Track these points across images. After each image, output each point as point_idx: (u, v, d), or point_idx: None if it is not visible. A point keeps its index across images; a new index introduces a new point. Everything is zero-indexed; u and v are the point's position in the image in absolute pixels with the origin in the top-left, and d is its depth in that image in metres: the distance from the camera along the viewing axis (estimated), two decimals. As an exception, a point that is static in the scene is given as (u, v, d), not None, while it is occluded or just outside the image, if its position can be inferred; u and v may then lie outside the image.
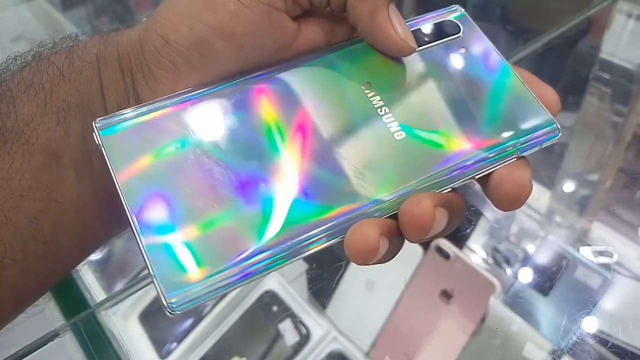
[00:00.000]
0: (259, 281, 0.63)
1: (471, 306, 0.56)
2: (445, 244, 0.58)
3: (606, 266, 0.55)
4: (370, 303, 0.60)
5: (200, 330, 0.60)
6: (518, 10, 0.80)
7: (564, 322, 0.52)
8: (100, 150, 0.22)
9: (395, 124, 0.24)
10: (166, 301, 0.20)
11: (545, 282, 0.55)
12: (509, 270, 0.58)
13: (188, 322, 0.60)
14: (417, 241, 0.22)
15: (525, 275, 0.57)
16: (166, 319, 0.61)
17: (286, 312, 0.60)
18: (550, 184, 0.65)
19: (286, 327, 0.59)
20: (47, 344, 0.42)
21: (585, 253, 0.57)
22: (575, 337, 0.49)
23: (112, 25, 0.97)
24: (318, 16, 0.26)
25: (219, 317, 0.61)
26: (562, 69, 0.72)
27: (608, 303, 0.53)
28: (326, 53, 0.26)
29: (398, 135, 0.24)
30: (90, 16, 0.99)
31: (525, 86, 0.26)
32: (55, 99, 0.23)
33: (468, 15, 0.28)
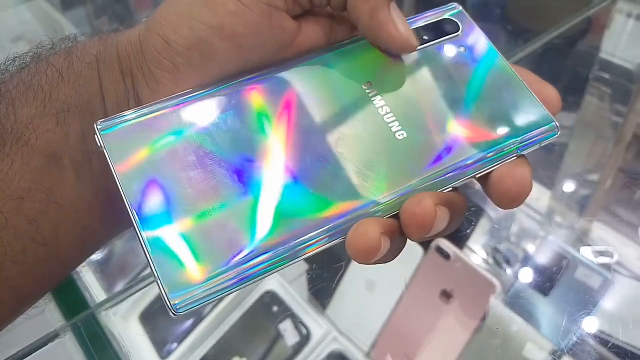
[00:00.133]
0: (259, 281, 0.62)
1: (471, 306, 0.56)
2: (445, 244, 0.58)
3: (606, 266, 0.55)
4: (371, 303, 0.60)
5: (200, 331, 0.60)
6: (518, 10, 0.80)
7: (564, 322, 0.52)
8: (102, 151, 0.22)
9: (397, 124, 0.24)
10: (170, 302, 0.20)
11: (545, 282, 0.55)
12: (509, 270, 0.58)
13: (188, 323, 0.60)
14: (419, 240, 0.22)
15: (526, 275, 0.57)
16: (166, 319, 0.61)
17: (286, 312, 0.60)
18: (550, 184, 0.65)
19: (286, 327, 0.59)
20: (47, 344, 0.42)
21: (586, 253, 0.56)
22: (575, 337, 0.49)
23: (112, 25, 0.97)
24: (318, 15, 0.26)
25: (219, 317, 0.61)
26: (562, 69, 0.72)
27: (608, 303, 0.53)
28: (326, 52, 0.26)
29: (399, 135, 0.24)
30: (90, 16, 0.98)
31: (524, 84, 0.26)
32: (54, 100, 0.23)
33: (467, 13, 0.28)
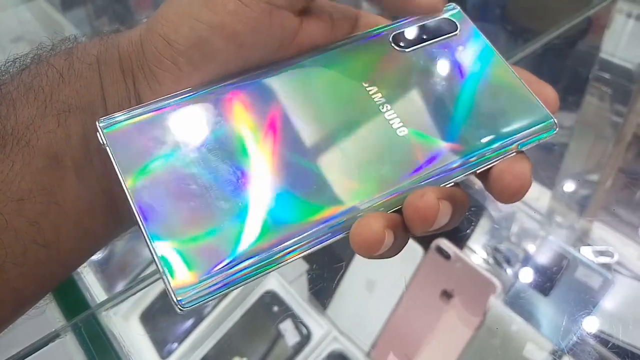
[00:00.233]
0: (259, 281, 0.63)
1: (472, 306, 0.56)
2: (445, 244, 0.58)
3: (607, 266, 0.55)
4: (371, 303, 0.60)
5: (201, 331, 0.60)
6: (518, 10, 0.80)
7: (565, 322, 0.52)
8: (105, 149, 0.22)
9: (398, 120, 0.24)
10: (176, 298, 0.20)
11: (545, 282, 0.55)
12: (509, 270, 0.58)
13: (189, 322, 0.60)
14: (422, 234, 0.23)
15: (526, 275, 0.57)
16: (167, 319, 0.61)
17: (287, 312, 0.60)
18: (550, 184, 0.65)
19: (287, 327, 0.59)
20: (48, 344, 0.42)
21: (586, 253, 0.57)
22: (575, 337, 0.49)
23: (112, 25, 0.97)
24: (319, 13, 0.26)
25: (220, 317, 0.61)
26: (562, 69, 0.72)
27: (609, 303, 0.53)
28: (327, 51, 0.26)
29: (400, 132, 0.24)
30: (91, 17, 0.98)
31: (522, 82, 0.26)
32: (55, 101, 0.23)
33: (464, 13, 0.28)
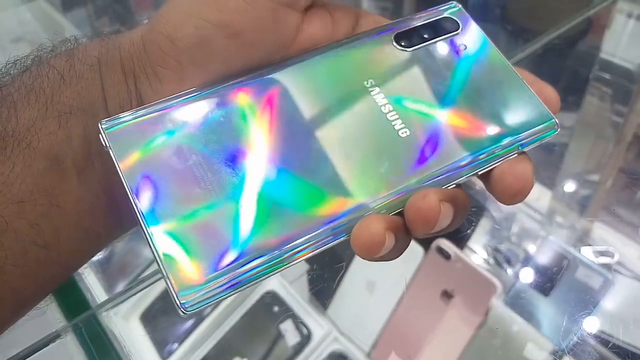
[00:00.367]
0: (260, 282, 0.63)
1: (472, 306, 0.56)
2: (446, 244, 0.58)
3: (607, 266, 0.55)
4: (371, 303, 0.60)
5: (201, 331, 0.60)
6: (518, 10, 0.80)
7: (565, 323, 0.52)
8: (107, 151, 0.22)
9: (399, 122, 0.24)
10: (179, 301, 0.20)
11: (546, 283, 0.55)
12: (509, 271, 0.58)
13: (189, 323, 0.60)
14: (424, 236, 0.22)
15: (526, 276, 0.57)
16: (167, 319, 0.61)
17: (287, 313, 0.60)
18: (550, 184, 0.65)
19: (287, 328, 0.59)
20: (49, 345, 0.42)
21: (586, 253, 0.56)
22: (576, 338, 0.49)
23: (113, 26, 0.97)
24: (320, 12, 0.26)
25: (220, 318, 0.61)
26: (562, 69, 0.72)
27: (609, 303, 0.53)
28: (329, 50, 0.26)
29: (402, 133, 0.24)
30: (91, 17, 0.98)
31: (524, 82, 0.26)
32: (56, 102, 0.23)
33: (466, 12, 0.28)
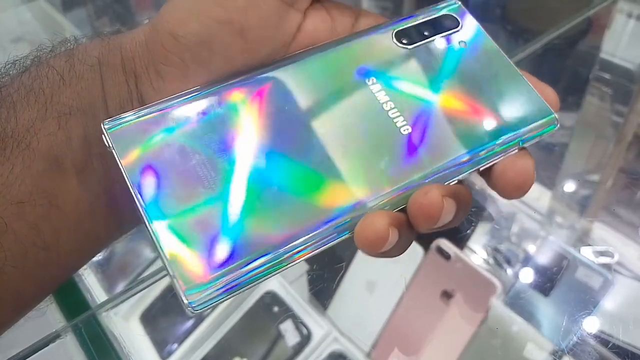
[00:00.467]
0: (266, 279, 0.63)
1: (472, 307, 0.56)
2: (445, 245, 0.58)
3: (607, 266, 0.55)
4: (371, 304, 0.60)
5: (201, 331, 0.60)
6: (518, 10, 0.80)
7: (565, 323, 0.52)
8: (110, 151, 0.22)
9: (401, 119, 0.24)
10: (186, 300, 0.20)
11: (546, 283, 0.55)
12: (509, 271, 0.58)
13: (189, 323, 0.60)
14: (427, 231, 0.23)
15: (526, 276, 0.57)
16: (167, 319, 0.61)
17: (287, 313, 0.60)
18: (550, 184, 0.65)
19: (287, 328, 0.59)
20: (48, 345, 0.42)
21: (586, 253, 0.57)
22: (576, 338, 0.49)
23: (113, 26, 0.97)
24: (321, 11, 0.27)
25: (220, 318, 0.61)
26: (563, 69, 0.72)
27: (609, 303, 0.53)
28: (329, 48, 0.26)
29: (404, 130, 0.24)
30: (91, 17, 0.98)
31: (523, 77, 0.26)
32: (55, 103, 0.23)
33: (466, 9, 0.28)
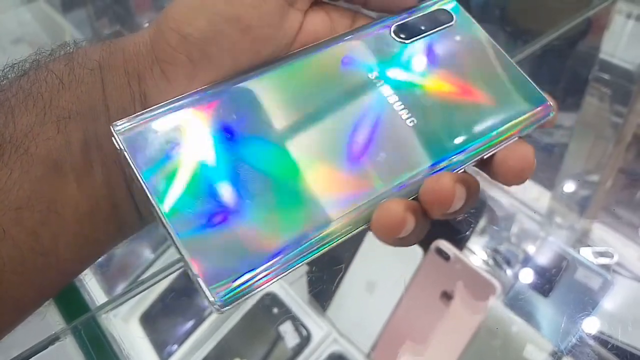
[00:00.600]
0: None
1: (472, 307, 0.56)
2: (445, 246, 0.58)
3: (606, 267, 0.55)
4: (371, 305, 0.60)
5: (201, 333, 0.60)
6: (517, 11, 0.80)
7: (564, 323, 0.52)
8: (122, 153, 0.22)
9: (406, 111, 0.25)
10: (213, 298, 0.20)
11: (545, 283, 0.56)
12: (509, 272, 0.58)
13: (189, 324, 0.60)
14: (440, 217, 0.23)
15: (526, 277, 0.57)
16: (167, 321, 0.61)
17: (287, 314, 0.60)
18: (550, 185, 0.65)
19: (287, 329, 0.59)
20: (48, 347, 0.42)
21: (586, 254, 0.57)
22: (575, 338, 0.49)
23: (113, 27, 0.97)
24: (321, 11, 0.27)
25: (220, 319, 0.61)
26: (562, 69, 0.72)
27: (608, 304, 0.53)
28: (333, 44, 0.26)
29: (410, 122, 0.25)
30: (91, 18, 0.98)
31: (518, 68, 0.27)
32: (54, 107, 0.23)
33: (459, 4, 0.29)
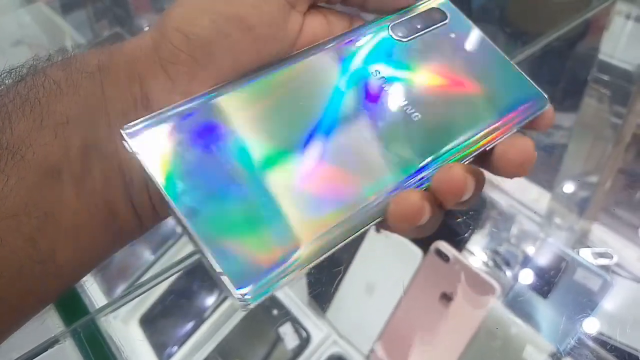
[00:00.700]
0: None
1: (471, 309, 0.56)
2: (444, 247, 0.58)
3: (606, 268, 0.55)
4: (370, 306, 0.60)
5: (200, 334, 0.60)
6: (517, 12, 0.80)
7: (564, 324, 0.52)
8: (136, 158, 0.22)
9: (410, 107, 0.25)
10: (238, 296, 0.20)
11: (544, 284, 0.56)
12: (508, 273, 0.58)
13: (188, 326, 0.60)
14: (453, 206, 0.23)
15: (525, 278, 0.58)
16: (167, 323, 0.61)
17: (286, 316, 0.60)
18: (549, 186, 0.65)
19: (286, 331, 0.59)
20: (47, 350, 0.42)
21: (585, 255, 0.57)
22: (574, 339, 0.49)
23: (112, 29, 0.97)
24: (317, 14, 0.27)
25: (219, 321, 0.61)
26: (561, 70, 0.72)
27: (608, 305, 0.53)
28: (336, 45, 0.27)
29: (414, 117, 0.25)
30: (91, 20, 0.98)
31: (511, 62, 0.27)
32: (52, 112, 0.22)
33: (451, 2, 0.30)
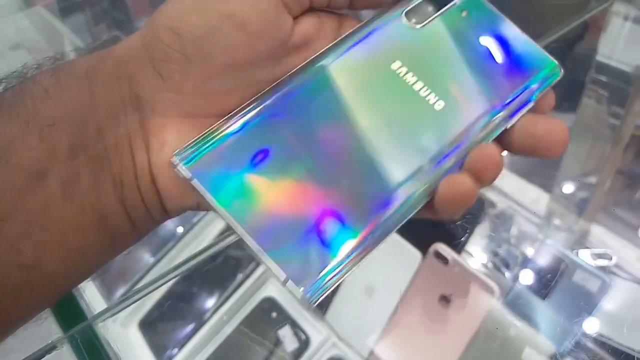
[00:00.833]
0: (257, 287, 0.63)
1: (470, 310, 0.56)
2: (443, 249, 0.58)
3: (605, 269, 0.55)
4: (370, 308, 0.61)
5: (200, 337, 0.60)
6: (515, 14, 0.80)
7: (563, 325, 0.52)
8: (191, 182, 0.23)
9: (432, 95, 0.26)
10: (305, 296, 0.22)
11: (543, 286, 0.56)
12: (507, 274, 0.58)
13: (188, 329, 0.60)
14: (491, 183, 0.24)
15: (524, 279, 0.58)
16: (166, 326, 0.61)
17: (285, 319, 0.60)
18: (548, 187, 0.65)
19: (285, 334, 0.59)
20: (45, 356, 0.42)
21: (584, 256, 0.57)
22: (574, 340, 0.49)
23: (111, 32, 0.97)
24: (311, 12, 0.27)
25: (219, 324, 0.61)
26: (559, 71, 0.72)
27: (607, 306, 0.53)
28: (352, 41, 0.27)
29: (437, 105, 0.26)
30: (89, 23, 0.98)
31: (523, 33, 0.28)
32: (39, 116, 0.22)
33: None
